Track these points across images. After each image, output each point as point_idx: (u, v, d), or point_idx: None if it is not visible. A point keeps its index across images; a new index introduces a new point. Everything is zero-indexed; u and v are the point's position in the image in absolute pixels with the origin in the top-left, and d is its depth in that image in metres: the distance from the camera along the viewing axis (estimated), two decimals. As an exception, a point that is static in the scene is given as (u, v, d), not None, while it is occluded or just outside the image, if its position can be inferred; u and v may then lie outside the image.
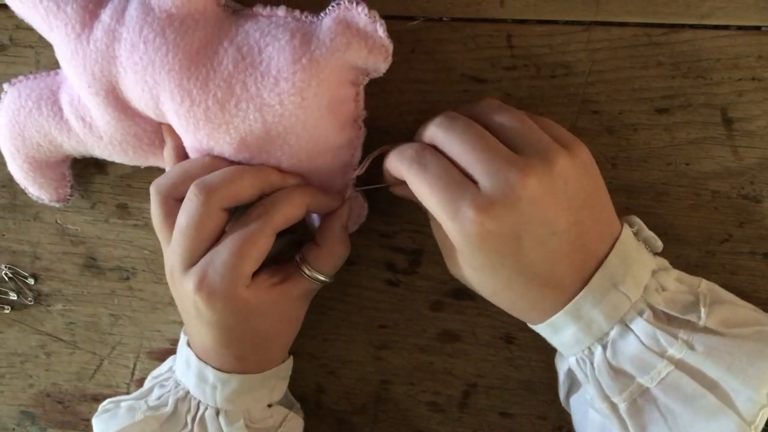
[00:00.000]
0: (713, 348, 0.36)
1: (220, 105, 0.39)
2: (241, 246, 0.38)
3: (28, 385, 0.55)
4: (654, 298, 0.37)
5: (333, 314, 0.49)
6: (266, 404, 0.45)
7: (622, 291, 0.36)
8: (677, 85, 0.41)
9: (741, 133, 0.41)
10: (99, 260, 0.51)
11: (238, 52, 0.38)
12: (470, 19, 0.42)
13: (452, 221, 0.35)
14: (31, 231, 0.51)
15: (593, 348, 0.37)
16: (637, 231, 0.39)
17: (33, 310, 0.53)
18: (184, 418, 0.43)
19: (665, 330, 0.36)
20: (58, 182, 0.47)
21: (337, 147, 0.41)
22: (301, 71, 0.37)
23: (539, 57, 0.42)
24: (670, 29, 0.40)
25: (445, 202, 0.35)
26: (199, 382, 0.43)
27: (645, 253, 0.39)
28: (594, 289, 0.36)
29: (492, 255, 0.36)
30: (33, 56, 0.47)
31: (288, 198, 0.40)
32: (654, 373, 0.36)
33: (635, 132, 0.42)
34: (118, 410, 0.45)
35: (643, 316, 0.36)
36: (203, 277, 0.39)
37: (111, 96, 0.41)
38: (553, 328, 0.38)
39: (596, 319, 0.37)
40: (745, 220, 0.42)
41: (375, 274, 0.48)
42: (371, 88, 0.40)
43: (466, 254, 0.36)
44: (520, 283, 0.37)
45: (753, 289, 0.43)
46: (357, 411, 0.50)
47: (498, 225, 0.34)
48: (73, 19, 0.40)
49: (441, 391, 0.49)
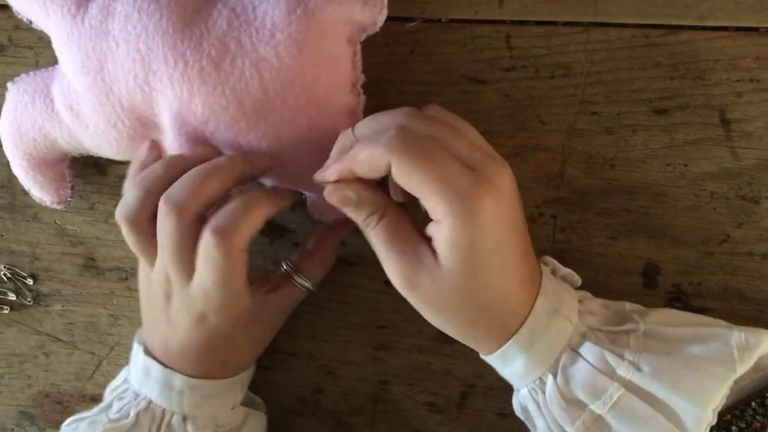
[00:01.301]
0: (659, 368, 0.36)
1: (214, 64, 0.38)
2: (221, 276, 0.38)
3: (26, 386, 0.55)
4: (589, 321, 0.38)
5: (331, 315, 0.49)
6: (231, 407, 0.45)
7: (564, 315, 0.37)
8: (675, 86, 0.41)
9: (739, 134, 0.41)
10: (98, 261, 0.51)
11: (232, 12, 0.38)
12: (469, 21, 0.42)
13: (457, 204, 0.33)
14: (30, 231, 0.52)
15: (544, 377, 0.37)
16: (553, 270, 0.41)
17: (32, 310, 0.53)
18: (147, 429, 0.42)
19: (612, 350, 0.36)
20: (58, 182, 0.47)
21: (338, 112, 0.40)
22: (296, 22, 0.37)
23: (538, 58, 0.42)
24: (669, 30, 0.40)
25: (451, 183, 0.33)
26: (163, 390, 0.42)
27: (566, 284, 0.40)
28: (540, 314, 0.37)
29: (489, 243, 0.34)
30: (32, 57, 0.47)
31: (245, 215, 0.37)
32: (606, 398, 0.36)
33: (634, 133, 0.42)
34: (78, 426, 0.44)
35: (588, 339, 0.37)
36: (206, 307, 0.39)
37: (98, 77, 0.40)
38: (504, 359, 0.38)
39: (546, 345, 0.37)
40: (743, 221, 0.43)
41: (373, 274, 0.48)
42: (370, 88, 0.40)
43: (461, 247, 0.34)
44: (502, 291, 0.36)
45: (751, 289, 0.43)
46: (355, 411, 0.50)
47: (499, 208, 0.34)
48: (69, 1, 0.40)
49: (439, 392, 0.49)
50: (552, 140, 0.43)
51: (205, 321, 0.40)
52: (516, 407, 0.42)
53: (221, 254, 0.37)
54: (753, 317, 0.44)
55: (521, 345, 0.37)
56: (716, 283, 0.44)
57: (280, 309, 0.44)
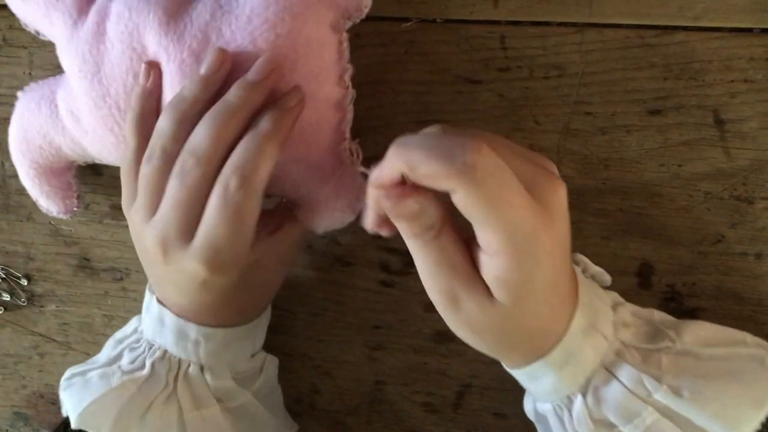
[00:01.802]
0: (698, 393, 0.34)
1: (195, 56, 0.37)
2: (237, 220, 0.35)
3: (21, 386, 0.55)
4: (623, 335, 0.36)
5: (327, 315, 0.49)
6: (249, 354, 0.44)
7: (599, 331, 0.35)
8: (670, 86, 0.41)
9: (733, 135, 0.41)
10: (92, 261, 0.51)
11: (216, 2, 0.37)
12: (464, 21, 0.42)
13: (520, 245, 0.31)
14: (25, 231, 0.51)
15: (573, 396, 0.36)
16: (583, 269, 0.39)
17: (26, 310, 0.53)
18: (164, 379, 0.41)
19: (649, 373, 0.35)
20: (64, 192, 0.47)
21: (321, 102, 0.38)
22: (274, 5, 0.36)
23: (533, 58, 0.42)
24: (663, 31, 0.41)
25: (518, 223, 0.31)
26: (178, 340, 0.41)
27: (598, 288, 0.39)
28: (575, 332, 0.35)
29: (547, 277, 0.33)
30: (26, 56, 0.47)
31: (261, 152, 0.35)
32: (638, 421, 0.35)
33: (628, 133, 0.42)
34: (89, 379, 0.42)
35: (622, 357, 0.35)
36: (215, 258, 0.36)
37: (95, 79, 0.40)
38: (531, 376, 0.36)
39: (579, 365, 0.35)
40: (737, 221, 0.43)
41: (369, 274, 0.48)
42: (365, 88, 0.40)
43: (518, 286, 0.32)
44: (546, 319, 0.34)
45: (745, 290, 0.44)
46: (351, 411, 0.50)
47: (555, 241, 0.32)
48: (70, 7, 0.40)
49: (435, 392, 0.49)
50: (547, 140, 0.43)
51: (211, 283, 0.38)
52: (528, 410, 0.41)
53: (245, 195, 0.35)
54: (747, 317, 0.44)
55: (553, 366, 0.35)
56: (710, 284, 0.44)
57: (289, 246, 0.42)
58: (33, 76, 0.48)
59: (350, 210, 0.40)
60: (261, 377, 0.45)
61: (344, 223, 0.41)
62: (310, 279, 0.48)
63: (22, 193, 0.49)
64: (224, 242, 0.36)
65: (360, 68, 0.39)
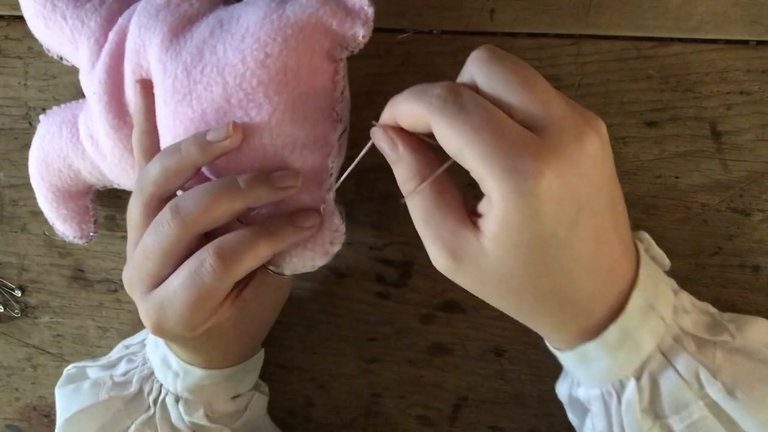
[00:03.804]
0: (753, 398, 0.32)
1: (187, 72, 0.36)
2: (197, 300, 0.35)
3: (14, 399, 0.54)
4: (683, 321, 0.34)
5: (322, 327, 0.49)
6: (231, 396, 0.43)
7: (659, 313, 0.33)
8: (666, 98, 0.41)
9: (730, 147, 0.41)
10: (87, 272, 0.51)
11: (218, 21, 0.37)
12: (460, 32, 0.42)
13: (506, 177, 0.28)
14: (19, 242, 0.51)
15: (625, 381, 0.33)
16: (646, 248, 0.36)
17: (20, 322, 0.53)
18: (147, 401, 0.42)
19: (706, 365, 0.33)
20: (81, 216, 0.46)
21: (310, 137, 0.36)
22: (268, 25, 0.35)
23: (529, 70, 0.42)
24: (659, 43, 0.41)
25: (497, 151, 0.28)
26: (162, 366, 0.42)
27: (660, 271, 0.36)
28: (633, 311, 0.32)
29: (547, 226, 0.29)
30: (21, 67, 0.47)
31: (252, 248, 0.35)
32: (685, 414, 0.32)
33: (625, 145, 0.42)
34: (82, 384, 0.43)
35: (680, 343, 0.33)
36: (160, 322, 0.36)
37: (113, 101, 0.40)
38: (582, 357, 0.33)
39: (636, 347, 0.32)
40: (734, 233, 0.43)
41: (365, 286, 0.47)
42: (361, 100, 0.40)
43: (512, 228, 0.29)
44: (562, 282, 0.31)
45: (743, 302, 0.43)
46: (347, 425, 0.50)
47: (562, 184, 0.28)
48: (96, 32, 0.40)
49: (431, 405, 0.49)
50: (543, 152, 0.43)
51: (164, 336, 0.38)
52: (562, 393, 0.39)
53: (215, 279, 0.34)
54: (745, 329, 0.44)
55: (608, 347, 0.32)
56: (708, 296, 0.43)
57: (261, 302, 0.40)
58: (28, 86, 0.48)
59: (322, 253, 0.38)
60: (244, 416, 0.44)
61: (314, 266, 0.38)
62: (305, 290, 0.48)
63: (17, 204, 0.49)
64: (176, 314, 0.35)
65: (356, 79, 0.39)
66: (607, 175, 0.31)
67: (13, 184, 0.50)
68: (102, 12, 0.40)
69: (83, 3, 0.41)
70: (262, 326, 0.43)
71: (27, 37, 0.46)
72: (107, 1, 0.41)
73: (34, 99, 0.48)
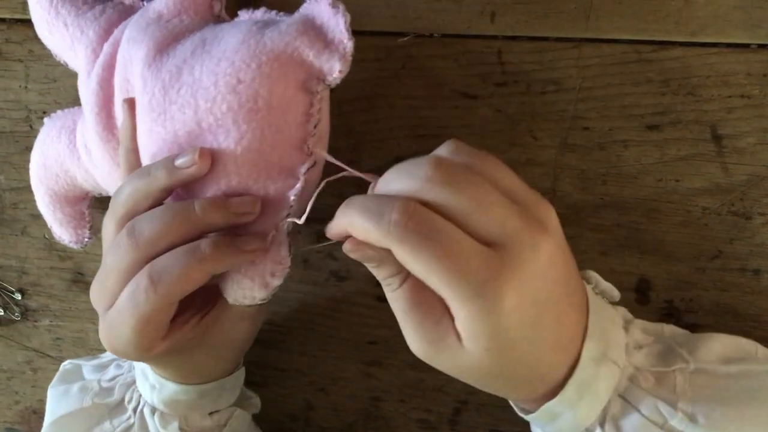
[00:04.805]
0: (714, 419, 0.33)
1: (164, 91, 0.35)
2: (137, 323, 0.34)
3: (14, 402, 0.54)
4: (636, 359, 0.35)
5: (322, 330, 0.49)
6: (208, 412, 0.43)
7: (611, 359, 0.34)
8: (667, 101, 0.41)
9: (730, 150, 0.41)
10: (87, 275, 0.51)
11: (201, 40, 0.36)
12: (461, 36, 0.42)
13: (471, 301, 0.30)
14: (19, 246, 0.51)
15: (592, 429, 0.35)
16: (594, 285, 0.38)
17: (20, 325, 0.53)
18: (128, 410, 0.43)
19: (664, 398, 0.34)
20: (77, 221, 0.46)
21: (275, 168, 0.35)
22: (244, 50, 0.34)
23: (530, 73, 0.42)
24: (660, 46, 0.41)
25: (460, 279, 0.30)
26: (141, 376, 0.42)
27: (610, 308, 0.37)
28: (586, 364, 0.33)
29: (513, 332, 0.31)
30: (22, 70, 0.47)
31: (184, 271, 0.34)
32: None
33: (626, 148, 0.42)
34: (71, 387, 0.44)
35: (636, 383, 0.34)
36: (112, 341, 0.36)
37: (103, 113, 0.40)
38: (549, 415, 0.35)
39: (594, 396, 0.34)
40: (735, 237, 0.42)
41: (364, 290, 0.47)
42: (361, 103, 0.40)
43: (480, 340, 0.31)
44: (530, 364, 0.33)
45: (744, 305, 0.43)
46: (347, 428, 0.50)
47: (523, 296, 0.31)
48: (93, 42, 0.40)
49: (432, 408, 0.49)
50: (544, 155, 0.43)
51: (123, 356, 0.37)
52: None
53: (148, 302, 0.33)
54: (745, 333, 0.43)
55: (569, 402, 0.34)
56: (708, 299, 0.43)
57: (224, 327, 0.39)
58: (29, 89, 0.48)
59: (262, 285, 0.36)
60: None
61: (254, 299, 0.37)
62: (305, 294, 0.48)
63: (17, 207, 0.49)
64: (124, 335, 0.35)
65: (356, 83, 0.39)
66: (561, 261, 0.33)
67: (14, 187, 0.50)
68: (101, 22, 0.40)
69: (85, 11, 0.41)
70: (235, 349, 0.42)
71: (28, 41, 0.46)
72: (107, 11, 0.41)
73: (35, 102, 0.48)
